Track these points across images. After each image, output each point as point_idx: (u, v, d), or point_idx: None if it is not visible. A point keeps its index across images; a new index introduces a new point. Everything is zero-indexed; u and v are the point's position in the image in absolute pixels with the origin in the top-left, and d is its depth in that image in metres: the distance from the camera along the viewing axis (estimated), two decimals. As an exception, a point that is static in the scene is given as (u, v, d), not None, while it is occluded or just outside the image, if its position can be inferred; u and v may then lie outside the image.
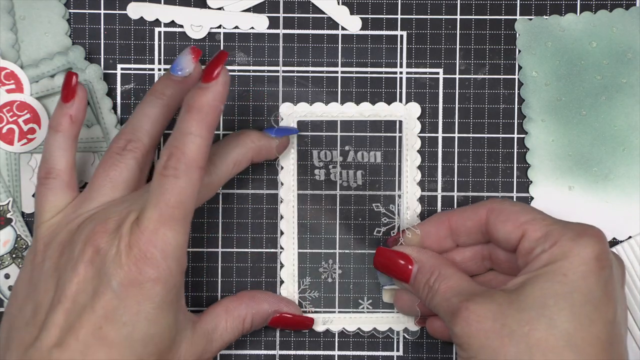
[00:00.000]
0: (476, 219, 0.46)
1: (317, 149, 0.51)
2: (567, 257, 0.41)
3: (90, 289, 0.41)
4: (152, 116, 0.46)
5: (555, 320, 0.40)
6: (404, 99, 0.51)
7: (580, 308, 0.40)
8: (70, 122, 0.46)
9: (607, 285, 0.41)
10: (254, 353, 0.51)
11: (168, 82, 0.46)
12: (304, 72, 0.51)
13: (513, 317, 0.41)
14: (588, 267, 0.41)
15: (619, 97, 0.50)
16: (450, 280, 0.44)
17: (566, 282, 0.41)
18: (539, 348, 0.40)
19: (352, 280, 0.51)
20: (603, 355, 0.40)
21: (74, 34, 0.51)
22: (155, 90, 0.46)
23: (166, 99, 0.46)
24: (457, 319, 0.42)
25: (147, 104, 0.46)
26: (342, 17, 0.51)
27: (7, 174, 0.50)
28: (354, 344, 0.51)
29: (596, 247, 0.42)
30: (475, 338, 0.41)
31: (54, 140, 0.46)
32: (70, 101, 0.46)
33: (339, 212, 0.51)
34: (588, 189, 0.50)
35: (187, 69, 0.46)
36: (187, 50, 0.46)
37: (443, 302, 0.44)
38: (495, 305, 0.41)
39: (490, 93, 0.51)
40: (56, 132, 0.46)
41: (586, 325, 0.40)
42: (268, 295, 0.49)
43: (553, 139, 0.50)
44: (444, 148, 0.51)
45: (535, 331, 0.40)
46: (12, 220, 0.50)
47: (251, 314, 0.48)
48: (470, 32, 0.51)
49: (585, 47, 0.50)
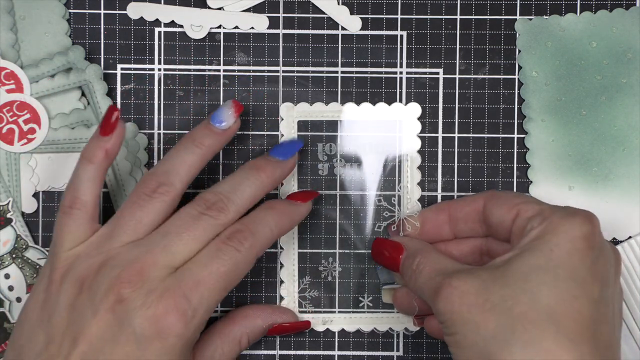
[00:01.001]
0: (474, 205, 0.46)
1: (321, 143, 0.51)
2: (555, 233, 0.41)
3: (109, 335, 0.41)
4: (188, 163, 0.45)
5: (537, 294, 0.40)
6: (404, 99, 0.51)
7: (563, 283, 0.40)
8: (105, 156, 0.45)
9: (594, 266, 0.41)
10: (254, 353, 0.51)
11: (207, 132, 0.46)
12: (304, 72, 0.51)
13: (496, 293, 0.40)
14: (574, 245, 0.41)
15: (619, 97, 0.50)
16: (434, 262, 0.44)
17: (551, 258, 0.41)
18: (521, 321, 0.39)
19: (352, 280, 0.51)
20: (586, 332, 0.39)
21: (74, 34, 0.51)
22: (194, 138, 0.46)
23: (204, 148, 0.46)
24: (439, 296, 0.42)
25: (184, 151, 0.46)
26: (342, 17, 0.51)
27: (7, 174, 0.50)
28: (354, 344, 0.51)
29: (585, 227, 0.41)
30: (457, 314, 0.41)
31: (85, 170, 0.45)
32: (108, 135, 0.45)
33: (339, 212, 0.51)
34: (588, 189, 0.50)
35: (227, 123, 0.47)
36: (229, 104, 0.47)
37: (427, 282, 0.43)
38: (478, 281, 0.41)
39: (490, 93, 0.51)
40: (89, 163, 0.45)
41: (568, 301, 0.40)
42: (261, 310, 0.49)
43: (553, 139, 0.50)
44: (444, 148, 0.51)
45: (517, 305, 0.40)
46: (12, 220, 0.50)
47: (246, 333, 0.48)
48: (470, 32, 0.51)
49: (585, 47, 0.50)
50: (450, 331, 0.41)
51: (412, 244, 0.47)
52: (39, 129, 0.50)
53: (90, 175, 0.45)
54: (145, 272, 0.42)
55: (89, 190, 0.45)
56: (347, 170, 0.51)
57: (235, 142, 0.51)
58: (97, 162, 0.45)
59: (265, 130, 0.51)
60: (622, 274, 0.50)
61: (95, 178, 0.45)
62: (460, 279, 0.42)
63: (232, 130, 0.47)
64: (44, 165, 0.50)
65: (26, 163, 0.50)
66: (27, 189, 0.50)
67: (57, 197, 0.51)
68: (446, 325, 0.42)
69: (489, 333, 0.40)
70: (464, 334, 0.41)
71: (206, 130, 0.46)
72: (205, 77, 0.51)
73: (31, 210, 0.50)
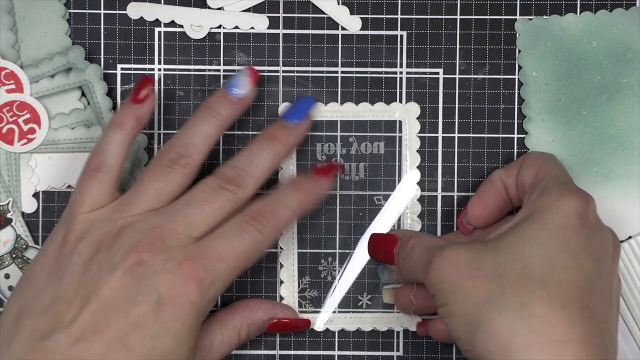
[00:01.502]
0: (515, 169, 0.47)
1: (321, 143, 0.51)
2: (550, 208, 0.42)
3: (125, 296, 0.41)
4: (205, 133, 0.46)
5: (528, 263, 0.40)
6: (404, 99, 0.51)
7: (556, 254, 0.40)
8: (136, 123, 0.46)
9: (588, 242, 0.41)
10: (254, 353, 0.51)
11: (224, 101, 0.47)
12: (304, 72, 0.51)
13: (487, 261, 0.41)
14: (568, 221, 0.41)
15: (619, 97, 0.50)
16: (427, 241, 0.45)
17: (544, 230, 0.41)
18: (511, 286, 0.39)
19: (352, 280, 0.51)
20: (578, 300, 0.39)
21: (74, 34, 0.51)
22: (210, 107, 0.46)
23: (221, 119, 0.46)
24: (431, 267, 0.42)
25: (201, 121, 0.46)
26: (342, 17, 0.51)
27: (7, 174, 0.50)
28: (354, 344, 0.51)
29: (580, 205, 0.42)
30: (448, 282, 0.41)
31: (115, 136, 0.46)
32: (140, 104, 0.46)
33: (339, 212, 0.51)
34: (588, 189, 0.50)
35: (244, 91, 0.47)
36: (245, 71, 0.47)
37: (420, 258, 0.44)
38: (470, 252, 0.41)
39: (490, 93, 0.51)
40: (119, 129, 0.46)
41: (561, 270, 0.40)
42: (262, 303, 0.49)
43: (553, 139, 0.50)
44: (444, 148, 0.51)
45: (508, 272, 0.40)
46: (12, 220, 0.50)
47: (246, 324, 0.48)
48: (470, 32, 0.51)
49: (585, 47, 0.50)
50: (441, 302, 0.41)
51: (405, 233, 0.47)
52: (39, 129, 0.50)
53: (119, 140, 0.46)
54: (166, 239, 0.42)
55: (117, 155, 0.45)
56: (346, 170, 0.51)
57: (235, 142, 0.51)
58: (128, 128, 0.46)
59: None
60: (622, 274, 0.50)
61: (123, 144, 0.46)
62: (451, 250, 0.42)
63: (249, 99, 0.47)
64: (44, 165, 0.50)
65: (26, 163, 0.50)
66: (27, 189, 0.50)
67: (57, 197, 0.51)
68: (438, 296, 0.42)
69: (480, 299, 0.40)
70: (455, 302, 0.41)
71: (223, 100, 0.47)
72: (205, 77, 0.51)
73: (31, 210, 0.50)
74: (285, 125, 0.47)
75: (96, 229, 0.43)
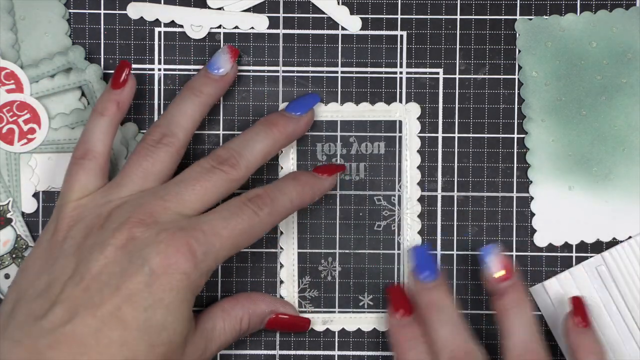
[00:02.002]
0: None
1: (321, 143, 0.51)
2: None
3: (117, 270, 0.41)
4: (188, 113, 0.46)
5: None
6: (404, 99, 0.51)
7: None
8: (117, 109, 0.46)
9: None
10: (254, 353, 0.51)
11: (206, 80, 0.47)
12: (304, 72, 0.51)
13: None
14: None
15: (619, 97, 0.50)
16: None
17: None
18: None
19: (352, 280, 0.51)
20: None
21: (74, 34, 0.51)
22: (192, 87, 0.47)
23: (204, 97, 0.47)
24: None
25: (184, 100, 0.47)
26: (342, 17, 0.51)
27: (7, 174, 0.50)
28: (354, 344, 0.51)
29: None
30: None
31: (97, 123, 0.46)
32: (120, 89, 0.47)
33: (339, 212, 0.51)
34: (588, 189, 0.50)
35: (224, 69, 0.48)
36: (225, 49, 0.48)
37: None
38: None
39: (490, 93, 0.51)
40: (101, 115, 0.46)
41: None
42: (265, 296, 0.49)
43: (553, 139, 0.50)
44: (444, 148, 0.51)
45: None
46: (12, 220, 0.50)
47: (248, 314, 0.48)
48: (470, 32, 0.51)
49: (585, 47, 0.50)
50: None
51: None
52: (39, 129, 0.50)
53: (102, 127, 0.46)
54: (157, 215, 0.42)
55: (101, 142, 0.46)
56: (347, 169, 0.51)
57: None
58: (110, 115, 0.46)
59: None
60: (622, 275, 0.50)
61: (107, 130, 0.46)
62: None
63: (230, 77, 0.48)
64: (44, 165, 0.50)
65: (26, 163, 0.50)
66: (27, 189, 0.50)
67: (57, 197, 0.51)
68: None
69: None
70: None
71: (204, 79, 0.47)
72: (205, 77, 0.51)
73: (31, 210, 0.50)
74: (286, 115, 0.48)
75: (87, 214, 0.44)
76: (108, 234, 0.42)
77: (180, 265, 0.41)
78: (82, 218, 0.44)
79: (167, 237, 0.41)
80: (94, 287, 0.41)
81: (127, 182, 0.45)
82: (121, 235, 0.42)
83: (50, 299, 0.41)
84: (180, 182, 0.44)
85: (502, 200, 0.51)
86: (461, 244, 0.51)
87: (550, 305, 0.50)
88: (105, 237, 0.42)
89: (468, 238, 0.51)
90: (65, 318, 0.40)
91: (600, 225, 0.50)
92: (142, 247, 0.41)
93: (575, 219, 0.50)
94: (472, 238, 0.51)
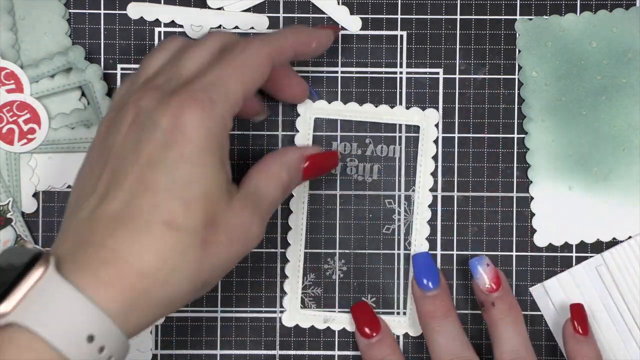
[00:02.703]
0: None
1: (336, 142, 0.51)
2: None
3: (133, 142, 0.41)
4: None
5: None
6: (404, 99, 0.51)
7: None
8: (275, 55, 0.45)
9: None
10: (254, 353, 0.51)
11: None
12: (304, 72, 0.51)
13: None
14: None
15: (619, 97, 0.50)
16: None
17: None
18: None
19: (355, 280, 0.51)
20: None
21: (74, 34, 0.51)
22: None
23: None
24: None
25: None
26: (342, 17, 0.51)
27: (7, 174, 0.50)
28: (354, 344, 0.51)
29: None
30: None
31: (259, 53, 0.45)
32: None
33: (342, 213, 0.51)
34: (588, 189, 0.50)
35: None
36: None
37: None
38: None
39: (490, 93, 0.51)
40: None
41: None
42: (289, 147, 0.49)
43: (553, 139, 0.50)
44: (444, 148, 0.51)
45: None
46: (12, 220, 0.50)
47: (281, 167, 0.46)
48: (470, 32, 0.51)
49: (585, 47, 0.50)
50: None
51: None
52: (39, 129, 0.50)
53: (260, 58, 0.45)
54: (160, 85, 0.42)
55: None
56: (360, 170, 0.51)
57: (235, 142, 0.51)
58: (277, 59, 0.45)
59: (265, 131, 0.51)
60: (622, 274, 0.50)
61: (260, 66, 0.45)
62: None
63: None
64: (44, 165, 0.50)
65: (26, 163, 0.50)
66: (27, 189, 0.50)
67: (57, 197, 0.51)
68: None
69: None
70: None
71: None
72: (205, 77, 0.51)
73: (31, 210, 0.50)
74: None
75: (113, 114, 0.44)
76: (121, 119, 0.42)
77: (188, 116, 0.40)
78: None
79: (171, 97, 0.41)
80: (117, 165, 0.41)
81: (140, 74, 0.45)
82: (131, 113, 0.42)
83: (85, 191, 0.41)
84: (179, 57, 0.44)
85: (502, 200, 0.51)
86: (461, 244, 0.51)
87: (550, 305, 0.50)
88: (119, 122, 0.42)
89: (468, 238, 0.51)
90: (97, 201, 0.40)
91: (600, 225, 0.50)
92: (150, 113, 0.41)
93: (575, 219, 0.50)
94: (472, 238, 0.51)
